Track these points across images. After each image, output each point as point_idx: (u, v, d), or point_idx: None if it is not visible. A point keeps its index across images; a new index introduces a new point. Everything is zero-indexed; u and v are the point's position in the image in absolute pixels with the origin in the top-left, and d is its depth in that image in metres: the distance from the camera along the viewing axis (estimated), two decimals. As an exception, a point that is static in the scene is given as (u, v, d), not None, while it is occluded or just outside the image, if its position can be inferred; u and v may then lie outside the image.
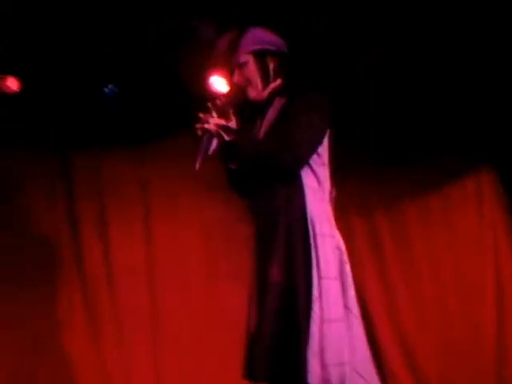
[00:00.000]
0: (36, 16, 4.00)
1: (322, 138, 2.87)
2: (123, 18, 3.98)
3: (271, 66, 2.97)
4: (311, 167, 2.85)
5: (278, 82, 2.99)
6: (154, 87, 4.48)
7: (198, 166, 2.78)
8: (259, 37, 2.97)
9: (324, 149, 2.90)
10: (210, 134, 2.82)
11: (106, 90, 4.43)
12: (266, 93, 2.97)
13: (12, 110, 4.49)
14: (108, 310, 4.88)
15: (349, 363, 2.74)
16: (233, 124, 2.87)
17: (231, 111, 2.89)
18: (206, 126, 2.81)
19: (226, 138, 2.81)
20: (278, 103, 2.93)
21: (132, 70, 4.37)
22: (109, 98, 4.47)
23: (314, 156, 2.85)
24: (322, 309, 2.71)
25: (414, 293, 5.21)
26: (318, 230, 2.78)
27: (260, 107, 2.99)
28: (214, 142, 2.83)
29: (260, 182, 2.88)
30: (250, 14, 3.72)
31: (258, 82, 2.95)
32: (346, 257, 2.86)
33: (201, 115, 2.84)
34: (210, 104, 2.87)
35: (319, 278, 2.73)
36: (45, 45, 4.22)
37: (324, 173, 2.90)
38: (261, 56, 2.96)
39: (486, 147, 5.15)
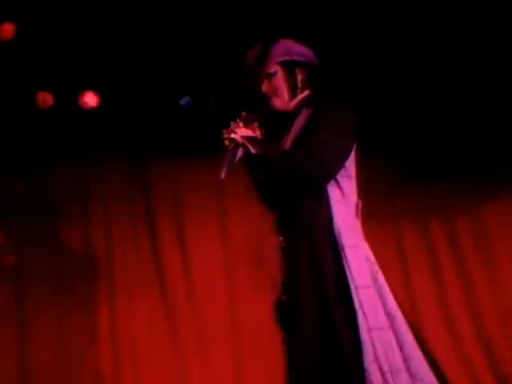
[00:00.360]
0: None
1: (350, 151, 2.85)
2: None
3: (299, 78, 2.97)
4: (336, 180, 2.83)
5: (306, 93, 2.98)
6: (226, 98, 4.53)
7: (223, 176, 2.80)
8: (289, 48, 2.99)
9: (351, 161, 2.87)
10: (236, 145, 2.82)
11: (181, 102, 4.49)
12: (292, 104, 2.96)
13: (90, 120, 4.61)
14: (189, 321, 4.95)
15: (406, 370, 2.71)
16: (257, 135, 2.86)
17: (256, 122, 2.89)
18: (233, 136, 2.82)
19: (252, 150, 2.81)
20: (304, 115, 2.92)
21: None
22: (184, 109, 4.53)
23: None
24: (366, 317, 2.68)
25: (496, 295, 5.10)
26: (345, 242, 2.75)
27: (286, 119, 2.98)
28: (240, 153, 2.82)
29: (285, 194, 2.86)
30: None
31: (285, 92, 2.96)
32: (376, 267, 2.83)
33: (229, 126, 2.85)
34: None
35: (355, 287, 2.70)
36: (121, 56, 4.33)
37: (350, 185, 2.87)
38: (289, 67, 2.96)
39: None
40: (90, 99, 4.45)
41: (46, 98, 4.40)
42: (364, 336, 2.66)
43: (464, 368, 4.92)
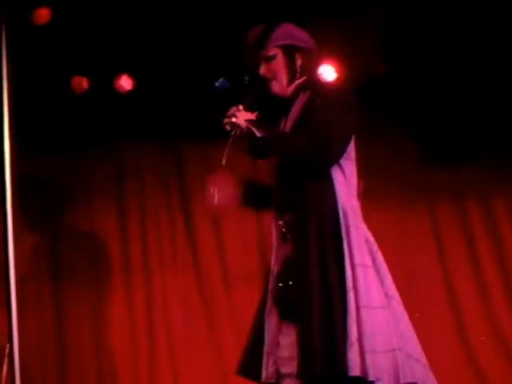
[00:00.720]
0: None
1: (353, 132, 2.88)
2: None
3: (299, 63, 2.94)
4: (338, 162, 2.86)
5: (303, 79, 2.96)
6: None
7: (225, 161, 2.79)
8: (290, 32, 2.96)
9: (351, 144, 2.90)
10: (238, 129, 2.81)
11: (217, 83, 4.44)
12: (290, 88, 2.95)
13: (124, 103, 4.61)
14: (223, 298, 4.98)
15: (400, 349, 2.74)
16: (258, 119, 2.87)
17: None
18: (234, 120, 2.81)
19: (258, 133, 2.80)
20: (302, 99, 2.92)
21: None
22: (219, 91, 4.48)
23: None
24: (357, 297, 2.71)
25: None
26: (350, 222, 2.80)
27: (283, 103, 2.97)
28: (232, 137, 2.80)
29: (289, 176, 2.87)
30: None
31: (283, 76, 2.94)
32: (376, 247, 2.89)
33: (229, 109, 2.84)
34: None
35: (352, 266, 2.74)
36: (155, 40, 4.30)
37: (351, 167, 2.90)
38: (289, 51, 2.94)
39: None
40: (126, 83, 4.43)
41: (81, 82, 4.40)
42: (351, 314, 2.68)
43: (502, 353, 4.91)
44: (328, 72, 4.56)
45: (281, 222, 2.90)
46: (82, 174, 4.97)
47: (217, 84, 4.47)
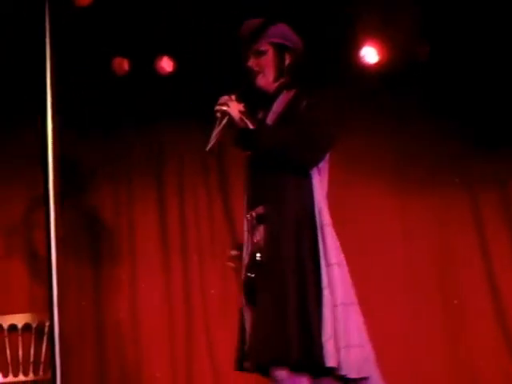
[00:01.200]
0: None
1: (339, 132, 2.98)
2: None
3: (287, 62, 3.04)
4: None
5: (288, 78, 3.04)
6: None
7: (209, 147, 2.86)
8: (284, 32, 3.06)
9: None
10: (228, 118, 2.84)
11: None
12: (275, 85, 3.03)
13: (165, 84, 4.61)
14: None
15: (367, 344, 2.85)
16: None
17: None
18: (226, 109, 2.85)
19: (251, 125, 2.87)
20: (286, 96, 2.99)
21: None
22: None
23: None
24: (333, 295, 2.77)
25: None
26: (325, 221, 2.85)
27: (264, 98, 3.03)
28: (222, 125, 2.84)
29: (268, 170, 2.92)
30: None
31: (271, 72, 3.02)
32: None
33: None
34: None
35: (327, 265, 2.80)
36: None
37: (325, 169, 2.97)
38: (280, 50, 3.04)
39: None
40: (167, 64, 4.44)
41: (122, 64, 4.41)
42: (326, 312, 2.75)
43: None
44: (370, 54, 4.53)
45: (253, 213, 2.95)
46: (123, 155, 4.99)
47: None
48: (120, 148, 4.97)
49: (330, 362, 2.71)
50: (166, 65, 4.44)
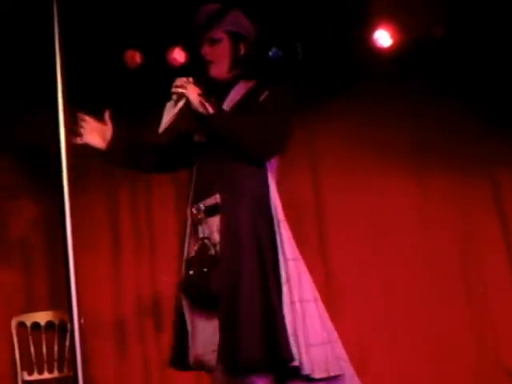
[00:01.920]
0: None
1: (292, 128, 2.91)
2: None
3: (241, 51, 2.96)
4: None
5: (242, 68, 2.96)
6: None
7: (162, 129, 2.76)
8: (239, 20, 2.98)
9: None
10: (184, 100, 2.75)
11: (270, 53, 4.40)
12: (229, 75, 2.94)
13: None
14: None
15: (328, 343, 2.77)
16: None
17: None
18: (183, 91, 2.76)
19: (211, 110, 2.76)
20: (242, 87, 2.92)
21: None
22: (273, 60, 4.44)
23: None
24: (291, 291, 2.72)
25: None
26: (280, 217, 2.79)
27: (217, 87, 2.93)
28: (178, 107, 2.75)
29: (222, 159, 2.84)
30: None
31: (225, 62, 2.94)
32: None
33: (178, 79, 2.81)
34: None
35: (285, 260, 2.74)
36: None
37: (275, 164, 2.92)
38: (235, 39, 2.95)
39: None
40: (179, 55, 4.42)
41: (134, 57, 4.39)
42: (286, 308, 2.70)
43: None
44: (384, 38, 4.47)
45: (201, 205, 2.85)
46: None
47: (270, 53, 4.44)
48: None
49: (292, 360, 2.65)
50: (179, 56, 4.41)
